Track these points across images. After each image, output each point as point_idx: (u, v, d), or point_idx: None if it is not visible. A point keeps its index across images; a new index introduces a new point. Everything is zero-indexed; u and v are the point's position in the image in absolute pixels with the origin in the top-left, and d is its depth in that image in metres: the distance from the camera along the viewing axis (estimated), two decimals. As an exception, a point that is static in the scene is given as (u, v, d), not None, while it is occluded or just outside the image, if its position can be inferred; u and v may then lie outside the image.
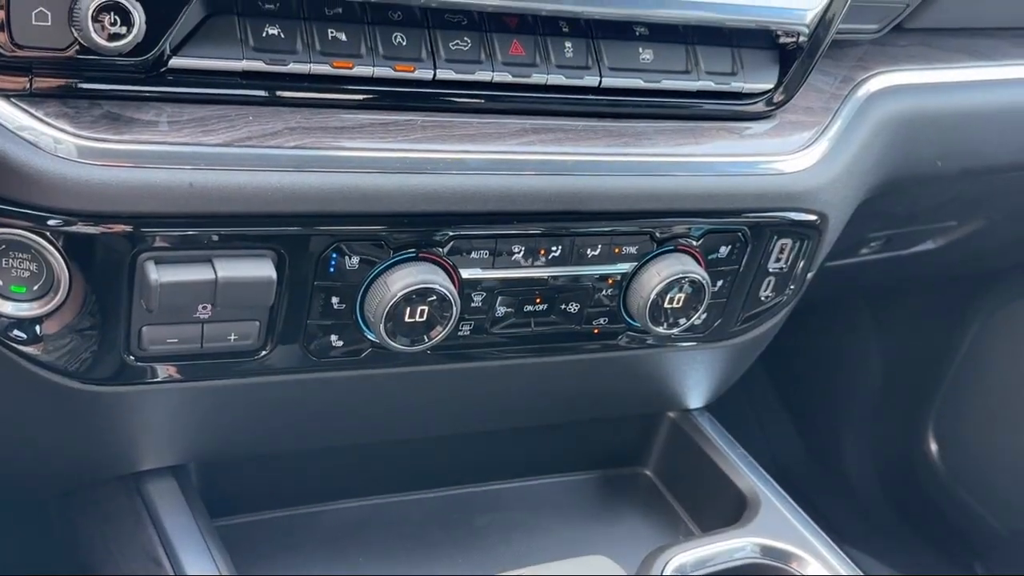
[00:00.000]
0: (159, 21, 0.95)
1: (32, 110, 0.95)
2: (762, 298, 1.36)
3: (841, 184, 1.32)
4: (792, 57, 1.25)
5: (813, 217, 1.31)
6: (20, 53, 0.93)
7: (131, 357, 1.08)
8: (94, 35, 0.91)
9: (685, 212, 1.23)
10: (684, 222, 1.24)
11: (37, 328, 1.03)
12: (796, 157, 1.28)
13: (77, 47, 0.94)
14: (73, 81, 0.97)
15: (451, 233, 1.13)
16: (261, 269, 1.04)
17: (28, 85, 0.95)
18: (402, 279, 1.10)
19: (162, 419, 1.21)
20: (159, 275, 1.00)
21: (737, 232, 1.27)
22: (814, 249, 1.35)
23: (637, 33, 1.18)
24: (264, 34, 1.02)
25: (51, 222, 0.96)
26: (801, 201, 1.28)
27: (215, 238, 1.02)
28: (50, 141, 0.94)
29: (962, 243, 1.85)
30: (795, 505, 1.45)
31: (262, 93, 1.04)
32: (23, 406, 1.17)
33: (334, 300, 1.12)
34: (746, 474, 1.48)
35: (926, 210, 1.71)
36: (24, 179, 0.94)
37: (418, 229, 1.11)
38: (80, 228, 0.97)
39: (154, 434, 1.24)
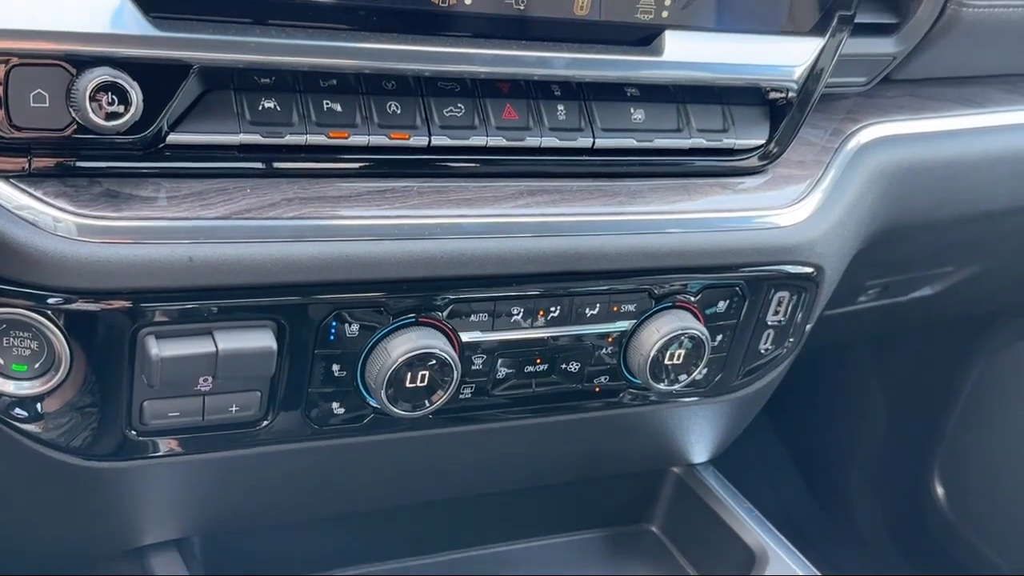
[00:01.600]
0: (156, 99, 0.96)
1: (31, 190, 0.96)
2: (762, 351, 1.36)
3: (836, 235, 1.33)
4: (782, 112, 1.26)
5: (810, 269, 1.31)
6: (18, 134, 0.94)
7: (132, 432, 1.07)
8: (92, 115, 0.92)
9: (682, 269, 1.24)
10: (681, 278, 1.24)
11: (38, 406, 1.03)
12: (790, 210, 1.29)
13: (75, 127, 0.95)
14: (72, 160, 0.98)
15: (450, 297, 1.13)
16: (262, 340, 1.04)
17: (27, 165, 0.96)
18: (402, 345, 1.10)
19: (164, 493, 1.20)
20: (160, 350, 1.00)
21: (735, 287, 1.28)
22: (812, 301, 1.35)
23: (628, 94, 1.19)
24: (260, 108, 1.03)
25: (51, 300, 0.97)
26: (797, 254, 1.29)
27: (215, 310, 1.03)
28: (49, 220, 0.95)
29: (960, 288, 1.86)
30: (803, 558, 1.44)
31: (259, 165, 1.05)
32: (24, 483, 1.16)
33: (335, 368, 1.12)
34: (753, 528, 1.47)
35: (922, 257, 1.71)
36: (24, 259, 0.95)
37: (417, 294, 1.12)
38: (80, 306, 0.97)
39: (156, 508, 1.23)
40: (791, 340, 1.37)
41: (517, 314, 1.18)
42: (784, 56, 1.22)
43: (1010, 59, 1.55)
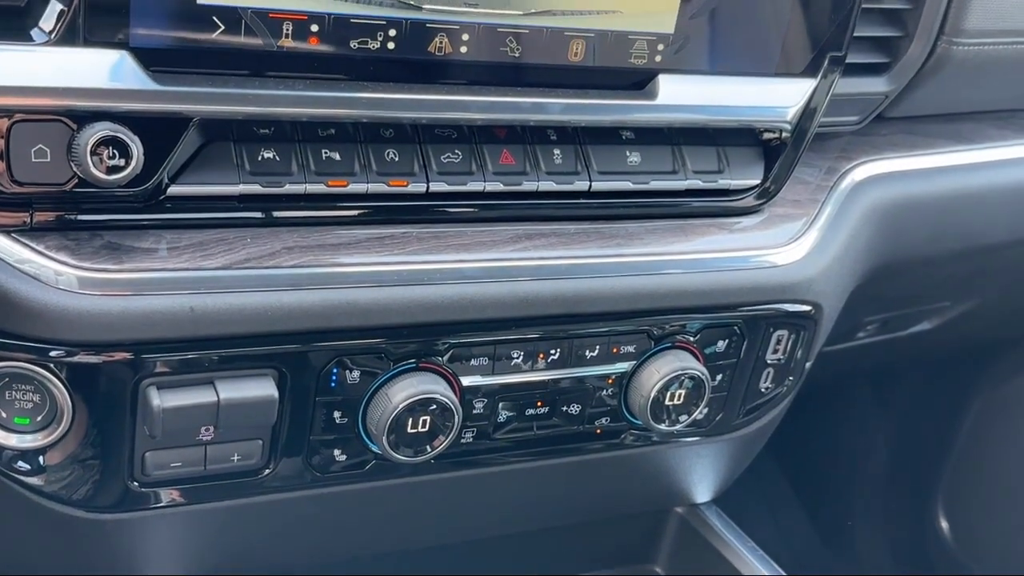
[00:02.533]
0: (157, 151, 0.97)
1: (33, 244, 0.97)
2: (762, 390, 1.36)
3: (833, 273, 1.34)
4: (777, 152, 1.27)
5: (808, 307, 1.32)
6: (20, 189, 0.95)
7: (135, 483, 1.07)
8: (93, 169, 0.93)
9: (681, 309, 1.24)
10: (680, 319, 1.25)
11: (40, 459, 1.03)
12: (787, 249, 1.29)
13: (76, 181, 0.96)
14: (73, 214, 0.98)
15: (450, 342, 1.14)
16: (263, 388, 1.05)
17: (28, 220, 0.97)
18: (404, 391, 1.11)
19: (166, 543, 1.20)
20: (162, 400, 1.00)
21: (733, 326, 1.28)
22: (811, 339, 1.35)
23: (624, 137, 1.20)
24: (260, 158, 1.04)
25: (53, 353, 0.97)
26: (795, 292, 1.30)
27: (216, 359, 1.03)
28: (51, 274, 0.96)
29: (958, 321, 1.86)
30: (809, 596, 1.44)
31: (259, 215, 1.06)
32: (25, 534, 1.16)
33: (336, 415, 1.12)
34: (757, 568, 1.47)
35: (920, 292, 1.72)
36: (27, 312, 0.95)
37: (418, 340, 1.12)
38: (82, 358, 0.98)
39: (158, 558, 1.23)
40: (791, 378, 1.38)
41: (517, 357, 1.18)
42: (777, 97, 1.23)
43: (1002, 95, 1.57)
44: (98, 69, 0.92)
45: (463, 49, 1.06)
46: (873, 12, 1.34)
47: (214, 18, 0.95)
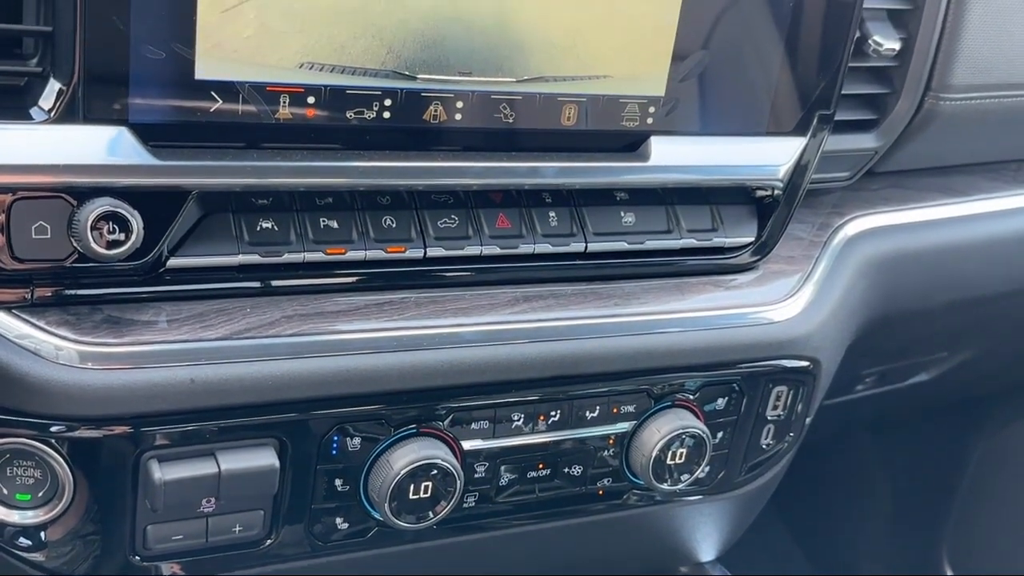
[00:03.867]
0: (156, 225, 0.98)
1: (33, 319, 0.97)
2: (763, 446, 1.36)
3: (830, 327, 1.34)
4: (770, 210, 1.28)
5: (806, 363, 1.32)
6: (20, 266, 0.95)
7: (136, 557, 1.07)
8: (93, 245, 0.94)
9: (680, 368, 1.25)
10: (679, 377, 1.25)
11: (42, 535, 1.03)
12: (783, 305, 1.30)
13: (76, 256, 0.96)
14: (73, 289, 0.99)
15: (451, 406, 1.14)
16: (264, 458, 1.05)
17: (28, 296, 0.97)
18: (405, 456, 1.11)
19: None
20: (163, 473, 1.00)
21: (733, 383, 1.28)
22: (810, 394, 1.36)
23: (618, 198, 1.22)
24: (258, 228, 1.05)
25: (54, 428, 0.97)
26: (792, 348, 1.30)
27: (216, 430, 1.03)
28: (51, 349, 0.96)
29: (956, 372, 1.86)
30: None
31: (258, 284, 1.07)
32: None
33: (338, 483, 1.12)
34: (765, 626, 1.45)
35: (917, 344, 1.72)
36: (27, 388, 0.95)
37: (418, 405, 1.12)
38: (83, 433, 0.98)
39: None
40: (792, 434, 1.38)
41: (518, 420, 1.18)
42: (768, 156, 1.25)
43: (991, 147, 1.59)
44: (97, 145, 0.93)
45: (458, 116, 1.07)
46: (860, 70, 1.36)
47: (212, 93, 0.96)
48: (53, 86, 0.91)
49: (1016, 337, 1.85)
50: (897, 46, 1.33)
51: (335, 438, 1.09)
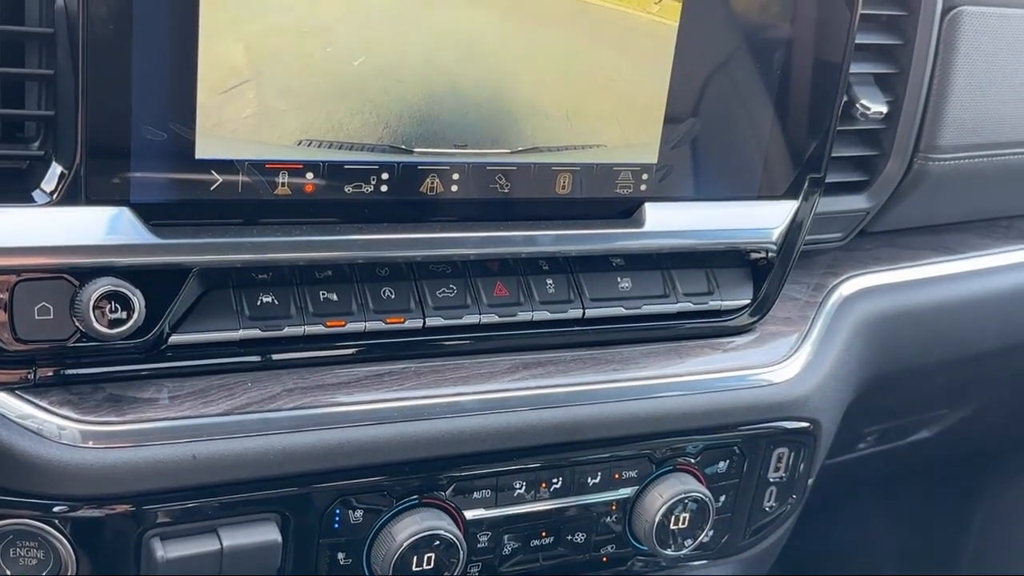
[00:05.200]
0: (158, 303, 0.99)
1: (35, 399, 0.98)
2: (766, 508, 1.36)
3: (829, 388, 1.35)
4: (764, 272, 1.30)
5: (806, 423, 1.33)
6: (22, 347, 0.96)
7: (140, 635, 1.06)
8: (96, 324, 0.95)
9: (680, 431, 1.25)
10: (680, 441, 1.25)
11: (44, 617, 1.02)
12: (782, 367, 1.31)
13: (78, 335, 0.97)
14: (74, 369, 0.99)
15: (452, 476, 1.14)
16: (266, 533, 1.04)
17: (30, 376, 0.98)
18: (407, 528, 1.10)
19: None
20: (165, 551, 1.00)
21: (733, 446, 1.28)
22: (811, 455, 1.36)
23: (614, 264, 1.23)
24: (259, 303, 1.05)
25: (57, 509, 0.97)
26: (792, 410, 1.30)
27: (218, 506, 1.03)
28: (54, 429, 0.96)
29: (957, 428, 1.86)
30: None
31: (258, 358, 1.07)
32: None
33: (340, 556, 1.11)
34: None
35: (916, 401, 1.73)
36: (30, 469, 0.95)
37: (420, 475, 1.12)
38: (85, 512, 0.98)
39: None
40: (794, 496, 1.37)
41: (520, 488, 1.18)
42: (761, 219, 1.26)
43: (981, 205, 1.61)
44: (99, 226, 0.95)
45: (454, 188, 1.09)
46: (849, 133, 1.38)
47: (212, 171, 0.98)
48: (55, 169, 0.93)
49: (1015, 392, 1.86)
50: (884, 109, 1.35)
51: (337, 511, 1.09)
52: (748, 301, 1.30)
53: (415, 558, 1.10)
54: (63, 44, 0.90)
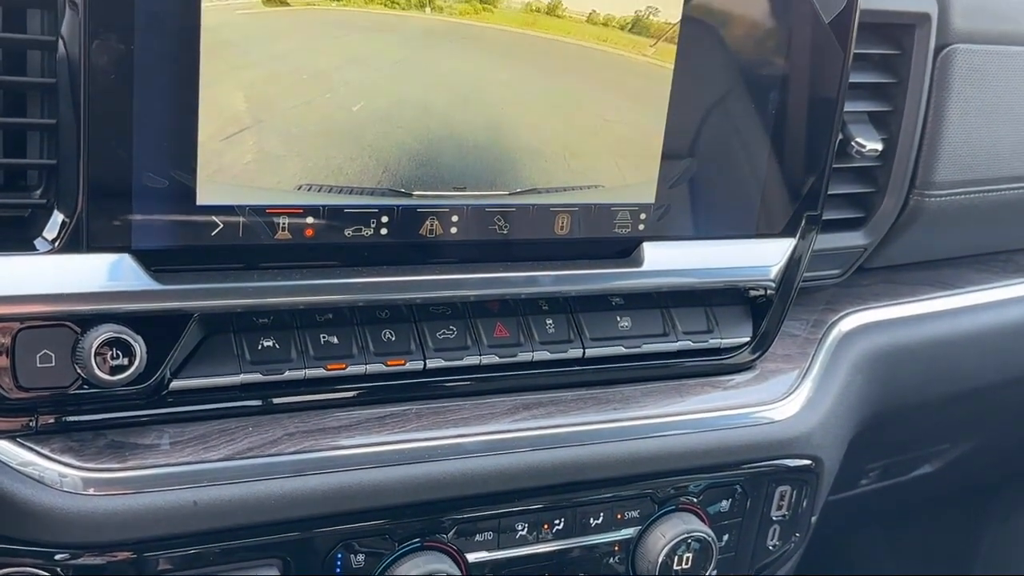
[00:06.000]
0: (159, 349, 0.99)
1: (37, 447, 0.98)
2: (770, 547, 1.35)
3: (830, 424, 1.35)
4: (764, 309, 1.30)
5: (808, 461, 1.32)
6: (24, 395, 0.96)
7: None
8: (97, 371, 0.95)
9: (682, 471, 1.25)
10: (682, 480, 1.25)
11: (45, 665, 1.01)
12: (782, 404, 1.31)
13: (80, 382, 0.97)
14: (76, 416, 0.99)
15: (455, 518, 1.14)
16: (268, 579, 1.04)
17: (32, 424, 0.98)
18: (409, 571, 1.10)
19: None
20: (165, 599, 0.99)
21: (736, 485, 1.28)
22: (814, 492, 1.35)
23: (613, 303, 1.23)
24: (260, 347, 1.06)
25: (58, 557, 0.97)
26: (794, 447, 1.30)
27: (219, 552, 1.03)
28: (55, 476, 0.96)
29: (960, 462, 1.86)
30: None
31: (259, 403, 1.08)
32: None
33: (342, 601, 1.11)
34: None
35: (917, 436, 1.72)
36: (31, 516, 0.95)
37: (421, 518, 1.12)
38: (87, 560, 0.97)
39: None
40: (798, 534, 1.37)
41: (522, 529, 1.18)
42: (759, 257, 1.27)
43: (978, 240, 1.61)
44: (101, 273, 0.95)
45: (453, 230, 1.09)
46: (845, 170, 1.39)
47: (213, 217, 0.98)
48: (57, 217, 0.93)
49: (1017, 426, 1.85)
50: (880, 147, 1.36)
51: (339, 555, 1.09)
52: (748, 339, 1.30)
53: (418, 602, 1.10)
54: (65, 94, 0.91)
